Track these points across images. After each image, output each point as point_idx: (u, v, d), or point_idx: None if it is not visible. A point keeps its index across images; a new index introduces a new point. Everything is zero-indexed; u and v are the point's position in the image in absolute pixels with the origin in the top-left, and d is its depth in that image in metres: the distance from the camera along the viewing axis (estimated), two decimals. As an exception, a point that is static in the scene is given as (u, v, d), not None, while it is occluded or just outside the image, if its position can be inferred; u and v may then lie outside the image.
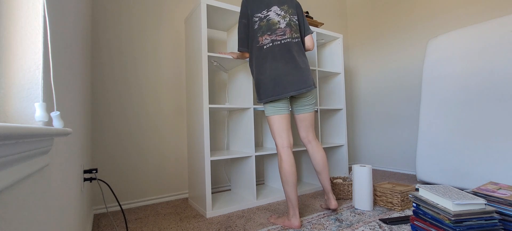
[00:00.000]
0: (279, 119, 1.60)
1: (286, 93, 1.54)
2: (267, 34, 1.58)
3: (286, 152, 1.57)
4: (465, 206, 1.19)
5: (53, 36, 0.61)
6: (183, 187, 2.29)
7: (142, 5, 2.17)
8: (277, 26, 1.58)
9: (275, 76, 1.54)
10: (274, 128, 1.61)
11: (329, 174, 1.69)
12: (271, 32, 1.58)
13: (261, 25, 1.60)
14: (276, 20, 1.59)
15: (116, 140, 2.02)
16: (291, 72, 1.54)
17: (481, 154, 2.05)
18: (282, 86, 1.54)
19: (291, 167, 1.54)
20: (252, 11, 1.63)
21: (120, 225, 1.67)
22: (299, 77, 1.55)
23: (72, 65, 0.93)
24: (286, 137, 1.59)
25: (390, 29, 3.18)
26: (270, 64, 1.55)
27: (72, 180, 0.93)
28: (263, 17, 1.60)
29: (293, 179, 1.53)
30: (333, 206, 1.68)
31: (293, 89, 1.54)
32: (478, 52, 2.17)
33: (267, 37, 1.58)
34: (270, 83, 1.55)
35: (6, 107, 0.50)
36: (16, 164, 0.39)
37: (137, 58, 2.13)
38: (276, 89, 1.54)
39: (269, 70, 1.55)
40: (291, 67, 1.55)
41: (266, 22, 1.59)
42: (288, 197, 1.55)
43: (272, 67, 1.55)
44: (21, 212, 0.41)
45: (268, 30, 1.58)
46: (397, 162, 3.11)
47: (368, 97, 3.43)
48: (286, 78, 1.54)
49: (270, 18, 1.60)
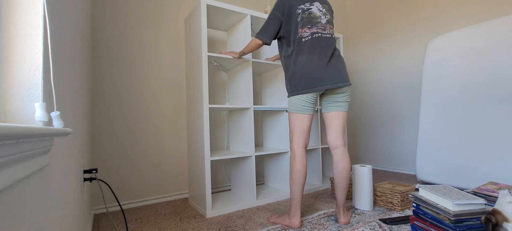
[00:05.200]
0: (303, 118, 1.54)
1: (321, 87, 1.48)
2: (307, 27, 1.53)
3: (301, 152, 1.54)
4: (465, 206, 1.19)
5: (53, 36, 0.61)
6: (183, 187, 2.29)
7: (142, 5, 2.17)
8: (318, 20, 1.53)
9: (310, 69, 1.48)
10: (296, 125, 1.55)
11: (347, 188, 1.58)
12: (311, 26, 1.52)
13: (303, 17, 1.54)
14: (318, 14, 1.54)
15: (116, 140, 2.02)
16: (327, 66, 1.48)
17: (481, 154, 2.05)
18: (317, 79, 1.47)
19: (303, 167, 1.52)
20: (294, 3, 1.56)
21: (120, 225, 1.67)
22: (335, 71, 1.49)
23: (72, 65, 0.93)
24: (304, 137, 1.56)
25: (390, 29, 3.18)
26: (306, 57, 1.50)
27: (72, 180, 0.93)
28: (306, 10, 1.54)
29: (302, 179, 1.52)
30: (341, 222, 1.57)
31: (328, 83, 1.47)
32: (478, 52, 2.17)
33: (307, 30, 1.52)
34: (304, 76, 1.49)
35: (6, 107, 0.50)
36: (16, 164, 0.39)
37: (137, 58, 2.13)
38: (310, 82, 1.48)
39: (305, 63, 1.50)
40: (327, 62, 1.48)
41: (307, 15, 1.53)
42: (293, 196, 1.54)
43: (307, 60, 1.49)
44: (21, 212, 0.41)
45: (308, 23, 1.53)
46: (397, 162, 3.11)
47: (368, 97, 3.43)
48: (322, 71, 1.48)
49: (312, 11, 1.54)
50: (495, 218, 1.00)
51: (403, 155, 3.05)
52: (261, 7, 2.87)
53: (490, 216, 1.01)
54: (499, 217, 1.00)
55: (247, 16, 2.07)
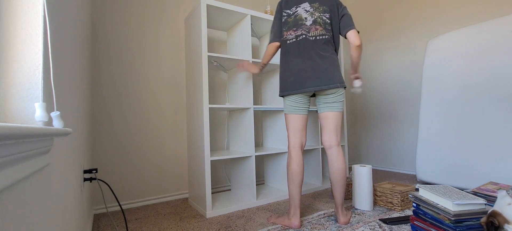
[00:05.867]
0: (295, 119, 1.58)
1: (304, 89, 1.51)
2: (292, 29, 1.57)
3: (296, 151, 1.57)
4: (465, 206, 1.19)
5: (53, 36, 0.61)
6: (183, 187, 2.29)
7: (142, 5, 2.17)
8: (303, 22, 1.56)
9: (295, 71, 1.53)
10: (289, 126, 1.61)
11: (344, 187, 1.58)
12: (296, 28, 1.56)
13: (288, 21, 1.59)
14: (303, 16, 1.56)
15: (116, 140, 2.02)
16: (312, 68, 1.50)
17: (481, 154, 2.05)
18: (300, 82, 1.51)
19: (298, 166, 1.54)
20: (282, 8, 1.64)
21: (120, 225, 1.67)
22: (320, 74, 1.50)
23: (72, 65, 0.93)
24: (299, 137, 1.59)
25: (390, 29, 3.18)
26: (291, 59, 1.55)
27: (72, 180, 0.93)
28: (292, 14, 1.59)
29: (299, 179, 1.54)
30: (341, 222, 1.57)
31: (312, 85, 1.50)
32: (478, 52, 2.17)
33: (292, 32, 1.57)
34: (289, 78, 1.54)
35: (6, 107, 0.50)
36: (16, 164, 0.39)
37: (137, 58, 2.13)
38: (294, 84, 1.53)
39: (290, 65, 1.55)
40: (312, 64, 1.51)
41: (293, 18, 1.58)
42: (291, 195, 1.55)
43: (292, 62, 1.54)
44: (21, 212, 0.41)
45: (294, 26, 1.57)
46: (397, 162, 3.11)
47: (368, 97, 3.43)
48: (306, 74, 1.51)
49: (298, 14, 1.58)
50: (497, 220, 1.00)
51: (403, 155, 3.05)
52: (261, 7, 2.87)
53: (493, 219, 1.01)
54: (500, 219, 1.00)
55: (247, 16, 2.07)
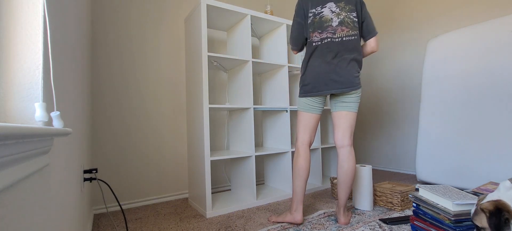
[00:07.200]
0: (309, 117, 1.60)
1: (325, 92, 1.53)
2: (317, 31, 1.55)
3: (304, 148, 1.60)
4: (465, 206, 1.19)
5: (53, 36, 0.61)
6: (183, 187, 2.29)
7: (142, 5, 2.17)
8: (328, 24, 1.53)
9: (318, 75, 1.53)
10: (301, 123, 1.62)
11: (350, 189, 1.59)
12: (321, 30, 1.54)
13: (314, 21, 1.57)
14: (329, 17, 1.54)
15: (116, 140, 2.02)
16: (335, 72, 1.51)
17: (481, 154, 2.05)
18: (323, 84, 1.52)
19: (305, 162, 1.57)
20: (307, 7, 1.59)
21: (120, 225, 1.67)
22: (343, 78, 1.51)
23: (72, 65, 0.93)
24: (309, 135, 1.61)
25: (390, 30, 3.18)
26: (315, 62, 1.55)
27: (72, 180, 0.93)
28: (317, 14, 1.56)
29: (305, 174, 1.56)
30: (341, 223, 1.58)
31: (334, 88, 1.51)
32: (478, 52, 2.17)
33: (317, 35, 1.55)
34: (311, 81, 1.55)
35: (6, 107, 0.50)
36: (16, 164, 0.39)
37: (137, 58, 2.13)
38: (316, 87, 1.54)
39: (314, 68, 1.55)
40: (336, 67, 1.51)
41: (318, 19, 1.55)
42: (295, 190, 1.57)
43: (316, 65, 1.54)
44: (21, 212, 0.41)
45: (319, 28, 1.55)
46: (397, 162, 3.11)
47: (368, 97, 3.43)
48: (329, 76, 1.51)
49: (323, 15, 1.55)
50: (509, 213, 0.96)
51: (403, 155, 3.05)
52: (261, 7, 2.87)
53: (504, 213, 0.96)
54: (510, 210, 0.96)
55: (247, 16, 2.07)
